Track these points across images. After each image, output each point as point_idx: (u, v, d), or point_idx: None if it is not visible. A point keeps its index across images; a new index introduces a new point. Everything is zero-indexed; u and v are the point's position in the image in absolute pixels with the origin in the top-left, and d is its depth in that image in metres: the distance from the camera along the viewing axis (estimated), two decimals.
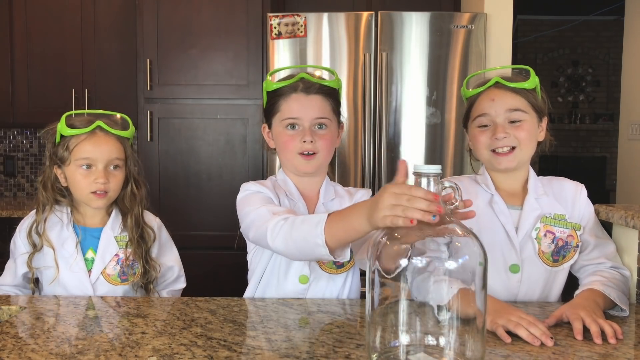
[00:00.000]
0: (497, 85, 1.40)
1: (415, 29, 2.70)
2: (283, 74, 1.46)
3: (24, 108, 3.18)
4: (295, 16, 2.69)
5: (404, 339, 0.95)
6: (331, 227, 1.08)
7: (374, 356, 0.95)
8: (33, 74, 3.18)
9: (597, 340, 1.09)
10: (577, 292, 1.34)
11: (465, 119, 1.49)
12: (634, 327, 1.22)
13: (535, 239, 1.39)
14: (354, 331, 1.15)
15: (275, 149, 1.44)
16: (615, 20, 6.54)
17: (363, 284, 1.37)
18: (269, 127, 1.44)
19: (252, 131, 2.99)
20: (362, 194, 1.48)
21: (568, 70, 7.33)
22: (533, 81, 1.40)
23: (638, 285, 1.43)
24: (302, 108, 1.35)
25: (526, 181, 1.44)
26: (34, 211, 1.52)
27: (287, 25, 2.68)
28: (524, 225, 1.39)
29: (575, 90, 7.35)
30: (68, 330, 1.14)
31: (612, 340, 1.09)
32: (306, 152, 1.36)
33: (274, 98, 1.39)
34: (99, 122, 1.47)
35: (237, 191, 1.47)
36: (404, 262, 0.92)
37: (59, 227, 1.50)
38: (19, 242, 1.51)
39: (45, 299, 1.37)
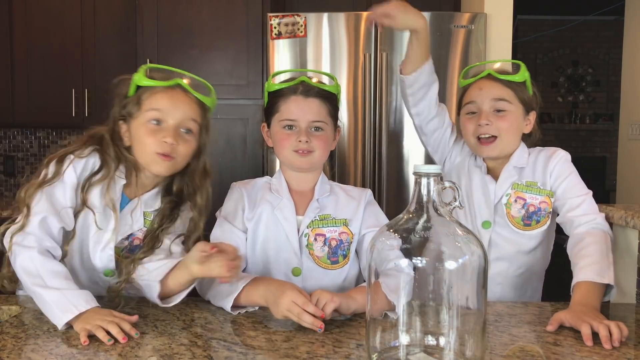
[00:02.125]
0: (488, 76, 1.51)
1: None
2: (284, 77, 1.50)
3: (24, 108, 3.18)
4: (295, 16, 2.69)
5: (404, 339, 0.95)
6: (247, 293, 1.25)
7: (374, 356, 0.95)
8: (33, 74, 3.18)
9: (607, 345, 1.07)
10: (573, 281, 1.34)
11: (457, 107, 1.61)
12: (634, 327, 1.22)
13: (505, 204, 1.50)
14: (354, 331, 1.15)
15: (272, 148, 1.49)
16: (615, 20, 6.54)
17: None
18: (268, 127, 1.49)
19: (252, 131, 2.99)
20: (361, 194, 1.50)
21: (568, 70, 7.33)
22: (522, 75, 1.50)
23: (638, 285, 1.44)
24: (299, 110, 1.40)
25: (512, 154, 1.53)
26: (82, 160, 1.28)
27: (287, 25, 2.68)
28: (499, 191, 1.51)
29: (575, 90, 7.34)
30: (68, 331, 1.14)
31: (617, 344, 1.08)
32: (301, 151, 1.39)
33: (275, 99, 1.44)
34: (178, 80, 1.31)
35: None
36: (403, 262, 0.92)
37: (104, 191, 1.29)
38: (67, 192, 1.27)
39: None
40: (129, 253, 1.33)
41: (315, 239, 1.40)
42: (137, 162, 1.32)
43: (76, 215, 1.30)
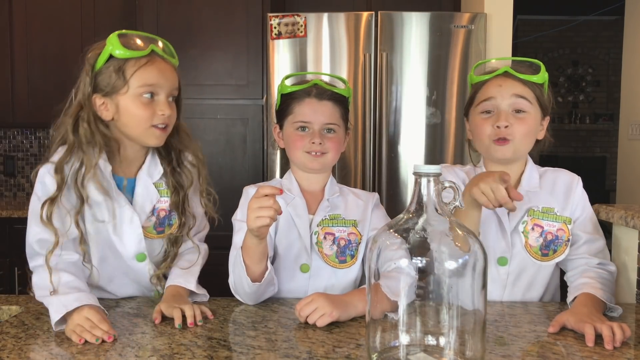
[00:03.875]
0: (505, 74, 1.38)
1: (415, 29, 2.70)
2: (295, 79, 1.51)
3: (24, 108, 3.18)
4: (295, 16, 2.68)
5: (404, 339, 0.95)
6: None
7: (374, 356, 0.95)
8: (33, 73, 3.18)
9: (609, 346, 1.06)
10: (569, 296, 1.33)
11: (467, 105, 1.46)
12: (634, 327, 1.22)
13: (522, 232, 1.38)
14: (354, 331, 1.15)
15: (284, 149, 1.50)
16: (615, 20, 6.54)
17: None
18: (280, 128, 1.49)
19: (252, 131, 2.99)
20: (369, 197, 1.53)
21: (568, 70, 7.34)
22: (542, 76, 1.38)
23: (638, 285, 1.44)
24: (313, 112, 1.41)
25: (522, 175, 1.43)
26: (58, 156, 1.25)
27: (287, 25, 2.68)
28: (513, 218, 1.39)
29: (575, 90, 7.35)
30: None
31: (618, 345, 1.07)
32: (314, 152, 1.41)
33: (288, 101, 1.45)
34: (153, 47, 1.28)
35: (237, 191, 1.50)
36: (404, 262, 0.92)
37: (97, 174, 1.27)
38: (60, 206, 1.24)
39: None
40: (161, 227, 1.35)
41: (325, 238, 1.42)
42: (121, 134, 1.30)
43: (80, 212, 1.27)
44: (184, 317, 1.18)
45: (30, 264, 1.27)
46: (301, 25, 2.68)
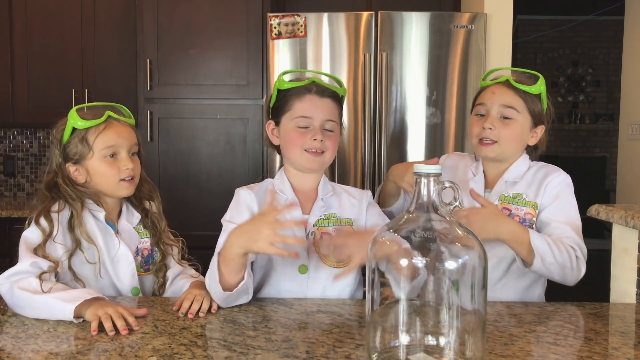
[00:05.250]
0: (505, 82, 1.53)
1: (415, 29, 2.70)
2: (293, 76, 1.51)
3: (24, 108, 3.18)
4: (295, 16, 2.69)
5: (404, 339, 0.95)
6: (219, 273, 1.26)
7: (374, 356, 0.95)
8: (33, 74, 3.18)
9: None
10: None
11: (472, 108, 1.63)
12: (634, 327, 1.22)
13: None
14: (354, 331, 1.15)
15: (278, 146, 1.48)
16: (615, 20, 6.54)
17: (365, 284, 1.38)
18: (277, 124, 1.46)
19: (252, 131, 2.99)
20: (362, 195, 1.51)
21: (568, 70, 7.34)
22: (538, 87, 1.51)
23: (638, 285, 1.44)
24: (314, 109, 1.41)
25: (508, 167, 1.56)
26: (52, 208, 1.41)
27: (287, 25, 2.69)
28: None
29: (575, 90, 7.35)
30: (68, 331, 1.14)
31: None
32: (314, 150, 1.40)
33: (287, 97, 1.43)
34: (109, 112, 1.46)
35: None
36: (404, 262, 0.92)
37: (91, 222, 1.44)
38: (54, 244, 1.37)
39: None
40: (146, 265, 1.50)
41: (322, 238, 1.41)
42: (97, 191, 1.47)
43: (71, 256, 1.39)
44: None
45: (11, 278, 1.30)
46: (301, 25, 2.68)
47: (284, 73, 1.47)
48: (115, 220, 1.50)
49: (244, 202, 1.44)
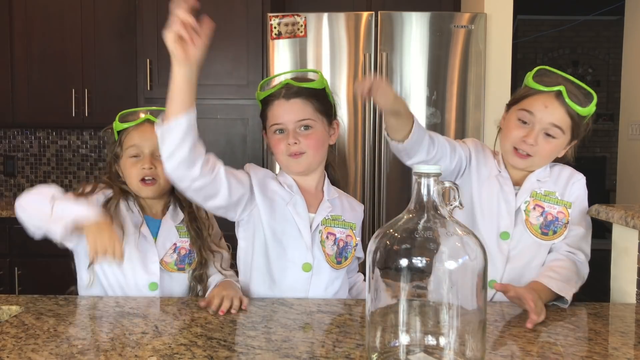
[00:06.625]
0: (559, 96, 1.41)
1: (415, 29, 2.70)
2: (269, 83, 1.54)
3: (24, 108, 3.18)
4: (295, 16, 2.69)
5: (404, 339, 0.95)
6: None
7: (374, 356, 0.95)
8: (33, 74, 3.18)
9: (530, 325, 1.18)
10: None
11: (513, 100, 1.50)
12: (634, 327, 1.22)
13: (524, 210, 1.47)
14: (354, 331, 1.15)
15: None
16: (615, 20, 6.54)
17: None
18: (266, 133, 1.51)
19: (252, 131, 3.00)
20: (360, 208, 1.57)
21: (568, 70, 7.33)
22: (590, 110, 1.45)
23: (638, 285, 1.44)
24: (284, 113, 1.42)
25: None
26: (96, 194, 1.49)
27: (287, 25, 2.69)
28: (519, 198, 1.48)
29: None
30: (68, 330, 1.14)
31: (529, 326, 1.17)
32: (293, 153, 1.42)
33: (264, 106, 1.48)
34: (147, 116, 1.50)
35: None
36: (404, 262, 0.92)
37: (124, 212, 1.50)
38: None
39: (44, 299, 1.37)
40: (181, 264, 1.51)
41: (327, 237, 1.43)
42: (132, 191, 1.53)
43: None
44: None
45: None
46: (301, 25, 2.68)
47: (262, 83, 1.52)
48: (160, 215, 1.54)
49: (250, 168, 1.50)
